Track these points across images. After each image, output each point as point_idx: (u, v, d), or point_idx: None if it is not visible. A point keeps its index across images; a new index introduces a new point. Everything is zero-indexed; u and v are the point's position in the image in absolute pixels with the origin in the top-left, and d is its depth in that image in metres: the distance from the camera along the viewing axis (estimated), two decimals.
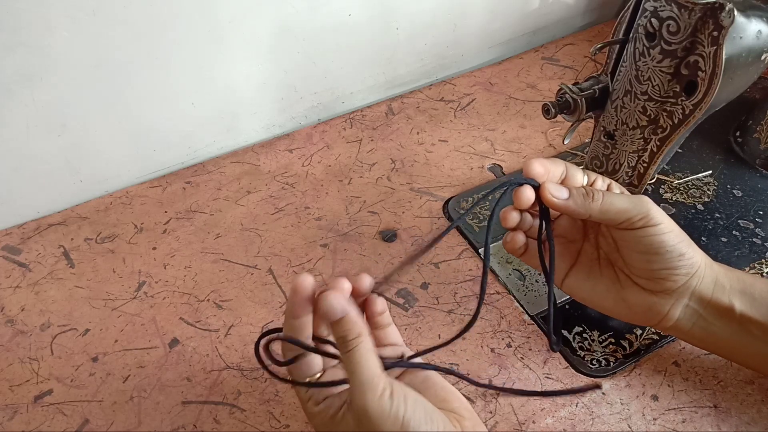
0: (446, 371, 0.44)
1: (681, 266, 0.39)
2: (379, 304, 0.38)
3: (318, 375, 0.37)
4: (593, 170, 0.48)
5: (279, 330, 0.36)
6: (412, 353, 0.39)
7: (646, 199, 0.39)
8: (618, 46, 0.42)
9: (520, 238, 0.43)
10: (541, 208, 0.40)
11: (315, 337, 0.37)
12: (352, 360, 0.32)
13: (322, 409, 0.35)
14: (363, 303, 0.38)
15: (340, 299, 0.33)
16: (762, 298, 0.40)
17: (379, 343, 0.39)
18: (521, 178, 0.38)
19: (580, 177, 0.40)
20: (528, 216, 0.42)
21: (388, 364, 0.36)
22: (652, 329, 0.49)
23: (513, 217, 0.41)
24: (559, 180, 0.40)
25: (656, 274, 0.40)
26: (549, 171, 0.39)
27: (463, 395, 0.37)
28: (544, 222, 0.40)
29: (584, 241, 0.44)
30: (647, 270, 0.40)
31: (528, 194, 0.38)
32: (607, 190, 0.40)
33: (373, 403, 0.31)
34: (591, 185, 0.40)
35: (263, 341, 0.37)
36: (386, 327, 0.40)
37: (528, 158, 0.65)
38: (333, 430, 0.35)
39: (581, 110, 0.44)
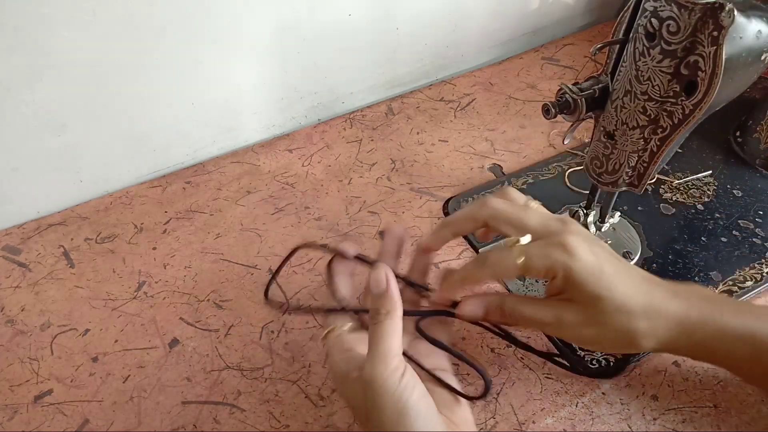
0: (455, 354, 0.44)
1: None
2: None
3: (347, 327, 0.37)
4: (593, 170, 0.48)
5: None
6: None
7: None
8: (618, 46, 0.42)
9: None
10: None
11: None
12: (375, 332, 0.33)
13: (344, 359, 0.35)
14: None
15: (384, 273, 0.33)
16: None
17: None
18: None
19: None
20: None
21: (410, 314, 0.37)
22: None
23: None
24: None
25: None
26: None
27: (465, 395, 0.37)
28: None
29: None
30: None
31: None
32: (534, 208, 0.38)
33: (382, 376, 0.31)
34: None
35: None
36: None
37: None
38: (344, 386, 0.35)
39: (581, 110, 0.44)
